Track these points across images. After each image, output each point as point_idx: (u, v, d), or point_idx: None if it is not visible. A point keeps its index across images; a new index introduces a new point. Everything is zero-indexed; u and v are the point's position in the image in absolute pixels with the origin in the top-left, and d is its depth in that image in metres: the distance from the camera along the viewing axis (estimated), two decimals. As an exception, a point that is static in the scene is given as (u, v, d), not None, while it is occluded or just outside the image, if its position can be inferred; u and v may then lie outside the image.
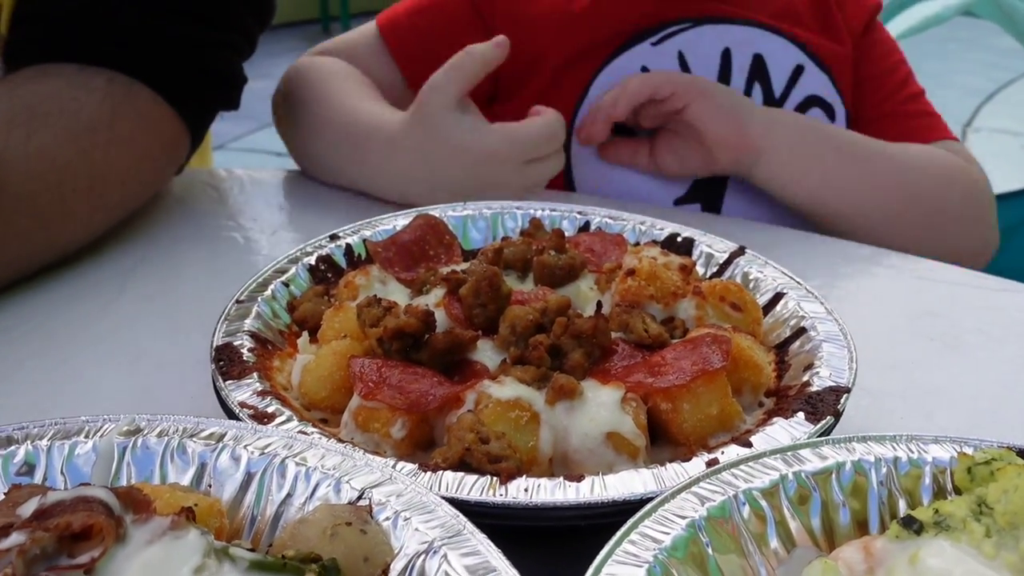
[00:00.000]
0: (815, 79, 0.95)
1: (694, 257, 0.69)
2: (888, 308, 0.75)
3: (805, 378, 0.53)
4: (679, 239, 0.72)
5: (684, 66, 0.94)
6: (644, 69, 0.94)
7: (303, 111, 0.94)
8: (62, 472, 0.43)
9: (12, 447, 0.43)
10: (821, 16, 0.96)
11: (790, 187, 0.90)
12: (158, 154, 0.91)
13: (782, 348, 0.59)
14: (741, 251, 0.69)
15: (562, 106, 0.90)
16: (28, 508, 0.36)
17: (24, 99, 0.80)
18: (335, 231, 0.71)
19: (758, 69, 0.93)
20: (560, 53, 0.94)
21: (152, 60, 0.87)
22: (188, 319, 0.71)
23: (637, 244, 0.70)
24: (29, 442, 0.43)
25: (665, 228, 0.73)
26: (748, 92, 0.94)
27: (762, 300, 0.63)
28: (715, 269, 0.69)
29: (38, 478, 0.43)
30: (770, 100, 0.95)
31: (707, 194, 0.95)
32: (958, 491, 0.41)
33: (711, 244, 0.71)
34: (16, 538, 0.33)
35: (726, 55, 0.93)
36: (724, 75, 0.94)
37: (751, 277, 0.66)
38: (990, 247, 0.97)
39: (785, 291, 0.63)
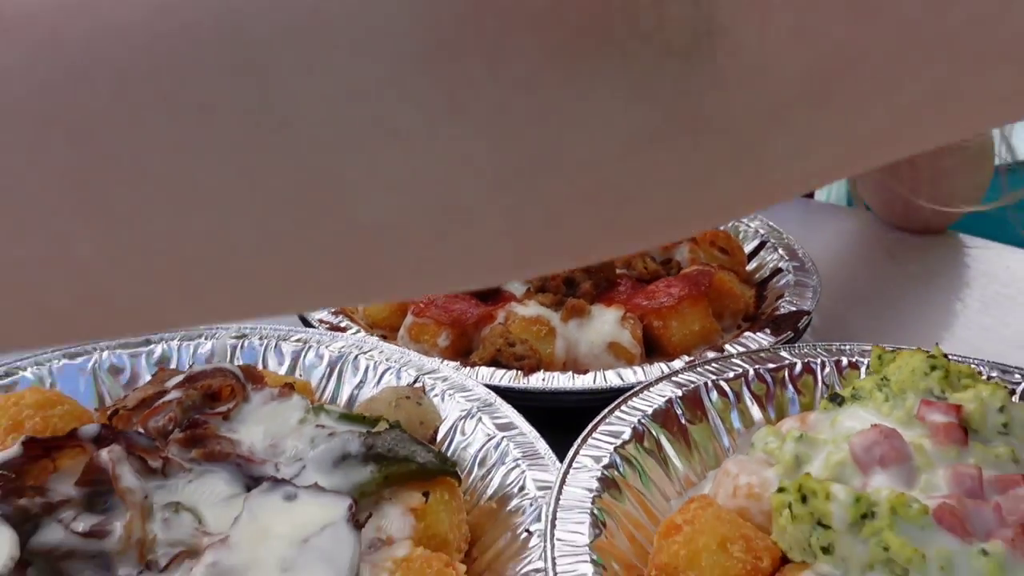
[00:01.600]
0: None
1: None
2: (856, 255, 0.86)
3: (775, 305, 0.64)
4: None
5: None
6: None
7: None
8: (190, 365, 0.56)
9: (150, 346, 0.56)
10: None
11: None
12: None
13: (763, 284, 0.70)
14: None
15: None
16: (173, 382, 0.49)
17: None
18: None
19: None
20: None
21: None
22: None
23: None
24: (163, 342, 0.56)
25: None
26: None
27: (749, 247, 0.75)
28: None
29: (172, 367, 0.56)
30: None
31: None
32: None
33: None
34: (175, 394, 0.46)
35: None
36: None
37: (740, 228, 0.77)
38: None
39: (768, 239, 0.74)
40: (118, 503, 0.39)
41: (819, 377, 0.55)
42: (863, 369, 0.55)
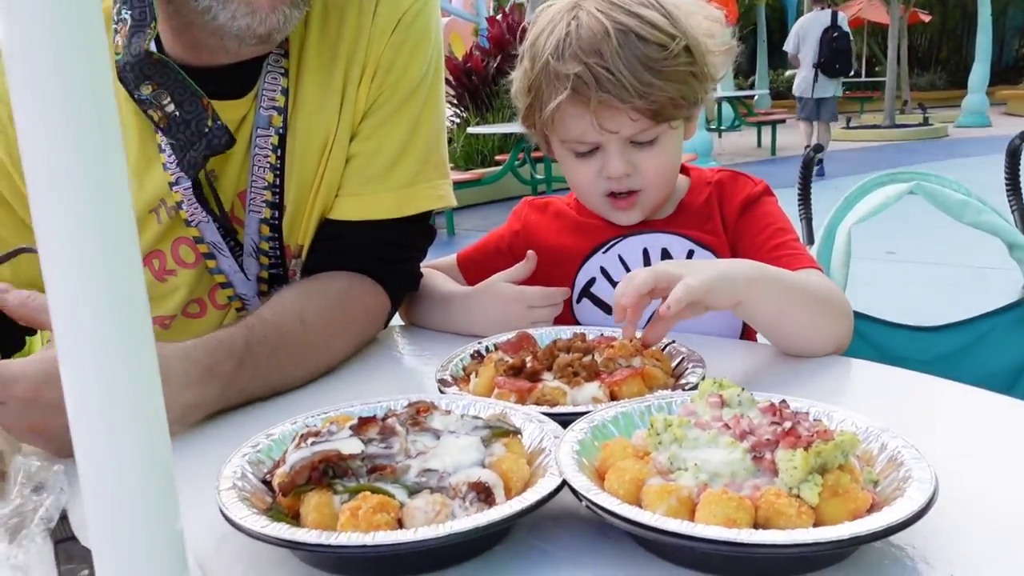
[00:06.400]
0: (704, 257, 1.65)
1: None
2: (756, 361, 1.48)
3: (685, 380, 1.27)
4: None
5: (623, 264, 1.66)
6: (602, 269, 1.66)
7: (420, 291, 1.74)
8: (384, 415, 1.20)
9: (354, 407, 1.21)
10: (702, 221, 1.69)
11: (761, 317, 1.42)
12: (376, 312, 1.72)
13: (679, 378, 1.33)
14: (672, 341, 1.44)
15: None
16: (400, 416, 1.13)
17: (306, 285, 1.62)
18: (482, 342, 1.50)
19: (665, 256, 1.67)
20: (551, 265, 1.75)
21: (374, 267, 1.70)
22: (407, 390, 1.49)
23: (623, 340, 1.46)
24: (361, 405, 1.21)
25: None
26: None
27: (676, 361, 1.38)
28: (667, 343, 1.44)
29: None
30: None
31: None
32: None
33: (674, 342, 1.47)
34: (403, 411, 1.11)
35: (645, 252, 1.68)
36: (646, 263, 1.66)
37: (672, 346, 1.41)
38: (849, 338, 1.52)
39: (682, 351, 1.38)
40: (394, 440, 1.02)
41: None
42: (711, 402, 1.17)
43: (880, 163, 13.88)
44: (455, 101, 13.56)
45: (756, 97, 22.25)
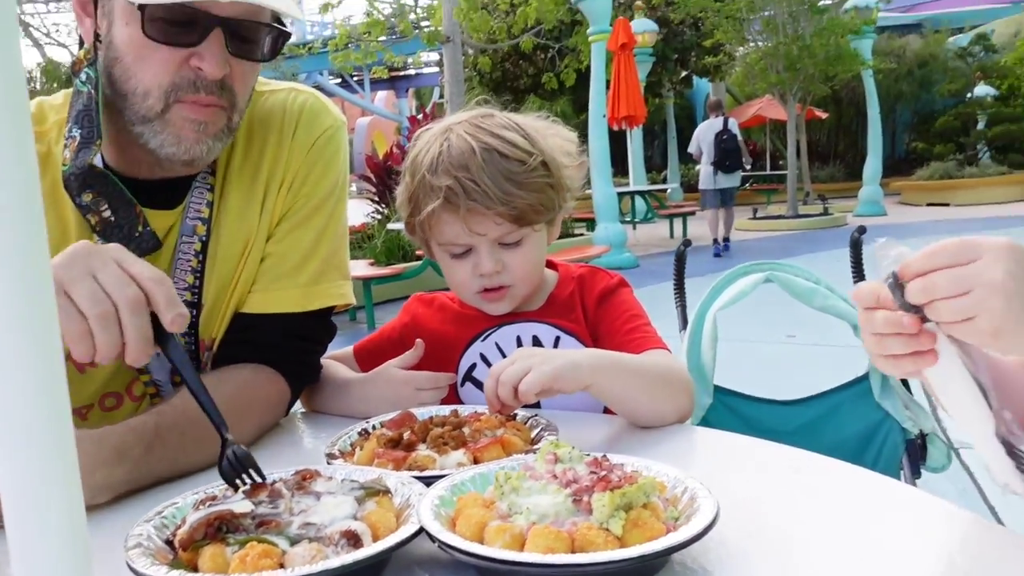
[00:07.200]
0: (569, 342, 1.93)
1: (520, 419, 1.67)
2: (607, 430, 1.71)
3: (540, 444, 1.49)
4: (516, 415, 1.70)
5: (500, 350, 1.86)
6: (481, 355, 1.85)
7: (319, 380, 1.91)
8: (273, 481, 1.38)
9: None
10: (567, 311, 1.95)
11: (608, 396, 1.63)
12: (276, 400, 1.90)
13: (536, 444, 1.55)
14: (538, 409, 1.67)
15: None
16: (288, 481, 1.32)
17: (213, 376, 1.80)
18: (369, 421, 1.70)
19: (536, 343, 1.92)
20: (437, 352, 1.97)
21: (279, 359, 1.89)
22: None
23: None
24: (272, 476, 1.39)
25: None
26: None
27: (535, 431, 1.60)
28: (529, 416, 1.66)
29: (279, 485, 1.39)
30: None
31: None
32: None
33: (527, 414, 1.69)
34: (290, 479, 1.29)
35: (518, 339, 1.92)
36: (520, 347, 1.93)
37: (533, 419, 1.63)
38: (691, 408, 1.78)
39: (541, 423, 1.60)
40: (280, 501, 1.21)
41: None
42: (557, 462, 1.38)
43: (783, 251, 14.66)
44: (376, 198, 13.88)
45: (669, 191, 23.27)
